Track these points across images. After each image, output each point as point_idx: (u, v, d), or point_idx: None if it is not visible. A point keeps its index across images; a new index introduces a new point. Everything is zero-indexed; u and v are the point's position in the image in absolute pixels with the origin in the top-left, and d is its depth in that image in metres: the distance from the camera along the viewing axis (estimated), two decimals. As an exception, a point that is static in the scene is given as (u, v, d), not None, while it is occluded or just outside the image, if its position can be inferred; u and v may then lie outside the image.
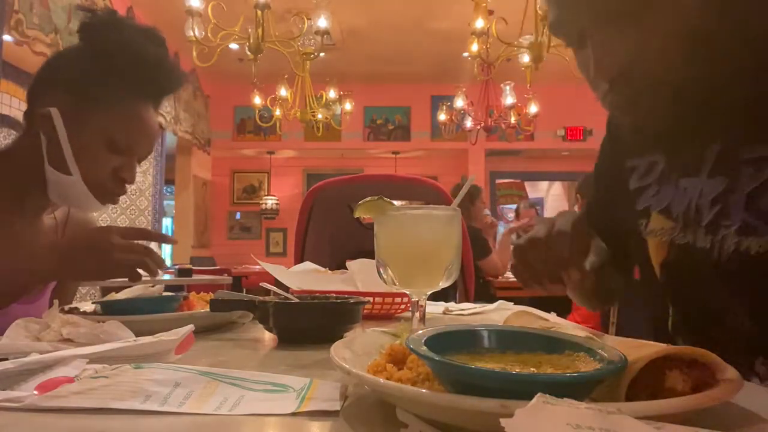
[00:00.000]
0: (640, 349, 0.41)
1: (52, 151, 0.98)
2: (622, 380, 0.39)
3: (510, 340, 0.45)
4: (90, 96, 1.00)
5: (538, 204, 8.38)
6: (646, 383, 0.40)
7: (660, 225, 0.77)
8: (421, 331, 0.44)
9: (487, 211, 4.32)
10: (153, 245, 3.89)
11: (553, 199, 9.57)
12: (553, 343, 0.44)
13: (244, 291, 4.83)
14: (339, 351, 0.50)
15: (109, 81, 1.00)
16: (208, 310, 0.86)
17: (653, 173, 0.80)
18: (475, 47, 3.66)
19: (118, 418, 0.43)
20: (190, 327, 0.64)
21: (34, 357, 0.54)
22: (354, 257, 1.26)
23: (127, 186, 1.06)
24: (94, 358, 0.55)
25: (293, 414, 0.44)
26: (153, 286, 1.08)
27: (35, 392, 0.46)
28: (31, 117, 1.01)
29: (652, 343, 0.48)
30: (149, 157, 1.16)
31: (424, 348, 0.39)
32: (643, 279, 0.89)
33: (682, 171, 0.73)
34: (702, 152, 0.69)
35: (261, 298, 0.87)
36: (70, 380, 0.49)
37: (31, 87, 1.04)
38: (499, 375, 0.36)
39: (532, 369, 0.40)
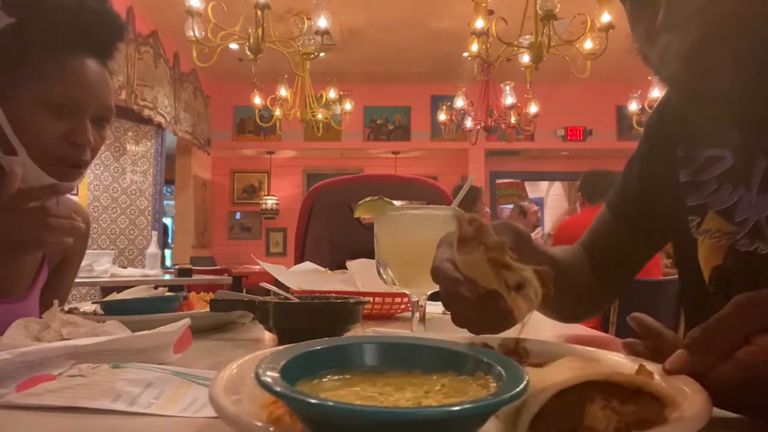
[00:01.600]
0: (574, 371, 0.33)
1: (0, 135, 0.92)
2: (522, 416, 0.31)
3: (409, 355, 0.38)
4: (18, 67, 0.93)
5: (538, 204, 8.39)
6: (562, 419, 0.31)
7: (717, 226, 0.70)
8: (291, 346, 0.36)
9: (488, 210, 4.32)
10: (153, 245, 3.85)
11: (553, 199, 9.57)
12: (462, 361, 0.36)
13: (244, 291, 4.83)
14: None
15: (31, 44, 0.93)
16: (208, 310, 0.86)
17: (714, 169, 0.71)
18: (475, 47, 3.66)
19: (89, 417, 0.43)
20: (186, 321, 0.63)
21: (20, 350, 0.54)
22: (354, 257, 1.26)
23: (89, 153, 0.98)
24: (81, 357, 0.54)
25: None
26: (155, 288, 1.08)
27: (15, 390, 0.46)
28: None
29: (619, 361, 0.42)
30: (149, 156, 1.11)
31: (272, 373, 0.31)
32: (683, 278, 0.82)
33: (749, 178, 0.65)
34: (750, 164, 0.62)
35: (261, 298, 0.87)
36: (52, 378, 0.49)
37: None
38: (337, 410, 0.27)
39: (416, 395, 0.32)
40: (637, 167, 0.88)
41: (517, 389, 0.29)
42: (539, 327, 0.94)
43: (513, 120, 4.87)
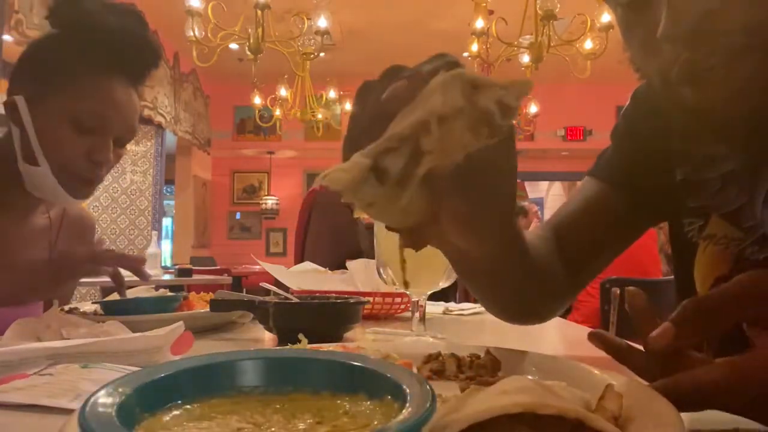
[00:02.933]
0: (500, 399, 0.27)
1: (23, 143, 0.94)
2: None
3: (299, 373, 0.31)
4: (53, 78, 0.95)
5: (538, 204, 8.38)
6: None
7: (723, 232, 0.63)
8: (144, 371, 0.29)
9: None
10: (153, 245, 3.88)
11: (553, 199, 9.57)
12: (367, 380, 0.29)
13: (244, 291, 4.83)
14: None
15: (71, 60, 0.95)
16: (208, 310, 0.86)
17: (716, 167, 0.63)
18: (475, 47, 3.66)
19: (46, 417, 0.42)
20: (179, 324, 0.62)
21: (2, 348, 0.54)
22: (354, 257, 1.26)
23: (105, 170, 0.99)
24: (62, 359, 0.54)
25: None
26: (156, 289, 1.08)
27: None
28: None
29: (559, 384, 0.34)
30: (149, 156, 1.13)
31: (103, 413, 0.24)
32: (678, 288, 0.74)
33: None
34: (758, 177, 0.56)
35: (261, 298, 0.87)
36: (25, 377, 0.49)
37: (9, 82, 1.00)
38: None
39: (300, 425, 0.26)
40: (625, 136, 0.76)
41: (405, 425, 0.23)
42: (546, 337, 0.93)
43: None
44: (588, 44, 3.39)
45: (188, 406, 0.28)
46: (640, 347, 0.41)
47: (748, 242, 0.60)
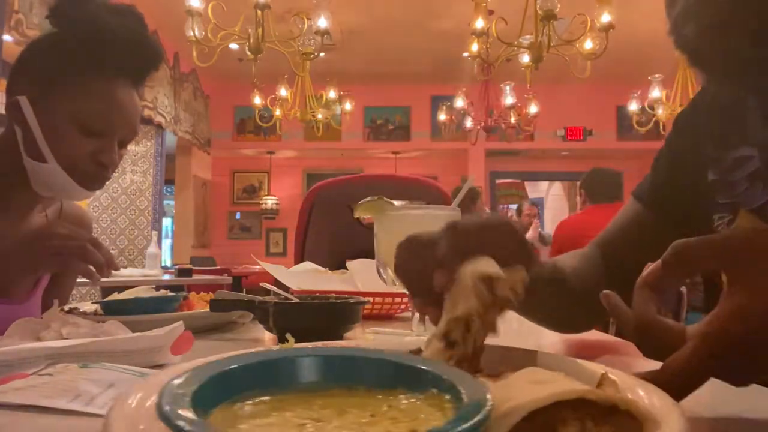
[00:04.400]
0: (535, 389, 0.29)
1: (27, 141, 0.94)
2: None
3: (351, 370, 0.32)
4: (56, 79, 0.95)
5: (538, 204, 8.39)
6: None
7: (751, 224, 0.67)
8: (211, 362, 0.30)
9: (487, 211, 4.32)
10: (153, 245, 3.86)
11: (553, 199, 9.57)
12: (413, 376, 0.31)
13: (244, 291, 4.83)
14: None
15: (74, 61, 0.95)
16: (208, 310, 0.86)
17: (743, 169, 0.70)
18: (475, 47, 3.66)
19: (44, 417, 0.42)
20: (179, 324, 0.62)
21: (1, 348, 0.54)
22: (354, 257, 1.26)
23: (111, 171, 1.00)
24: (60, 359, 0.54)
25: None
26: (156, 289, 1.08)
27: None
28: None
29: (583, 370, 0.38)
30: (149, 156, 1.13)
31: (179, 404, 0.24)
32: (707, 287, 0.81)
33: None
34: None
35: (261, 298, 0.87)
36: (24, 377, 0.49)
37: (8, 81, 1.00)
38: None
39: (359, 422, 0.27)
40: (665, 159, 0.84)
41: (480, 416, 0.24)
42: (538, 331, 0.93)
43: (513, 120, 4.87)
44: (588, 44, 3.39)
45: (251, 401, 0.29)
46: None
47: None
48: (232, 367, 0.30)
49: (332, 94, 4.97)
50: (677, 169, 0.81)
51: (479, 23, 3.49)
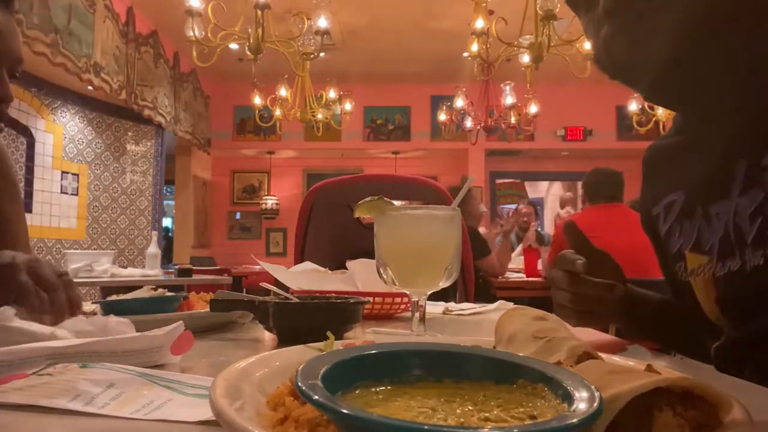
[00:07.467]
0: (618, 378, 0.31)
1: None
2: (595, 427, 0.28)
3: (449, 363, 0.36)
4: None
5: (538, 204, 8.39)
6: (627, 427, 0.29)
7: (697, 263, 0.73)
8: (327, 354, 0.34)
9: (483, 207, 4.32)
10: (153, 245, 3.84)
11: (553, 199, 9.56)
12: (504, 369, 0.34)
13: (244, 291, 4.83)
14: (234, 372, 0.40)
15: None
16: (208, 310, 0.86)
17: (673, 212, 0.77)
18: (475, 47, 3.66)
19: (45, 416, 0.42)
20: (179, 324, 0.62)
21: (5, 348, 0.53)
22: (354, 257, 1.26)
23: (6, 104, 0.93)
24: (62, 359, 0.54)
25: (202, 423, 0.40)
26: (156, 289, 1.08)
27: None
28: None
29: (631, 365, 0.40)
30: (149, 156, 1.08)
31: (314, 384, 0.28)
32: (695, 319, 0.83)
33: (708, 198, 0.70)
34: (730, 170, 0.66)
35: (261, 298, 0.87)
36: (24, 377, 0.49)
37: None
38: (413, 429, 0.25)
39: (469, 408, 0.30)
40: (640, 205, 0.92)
41: (598, 401, 0.27)
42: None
43: (513, 120, 4.87)
44: (588, 44, 3.39)
45: (374, 389, 0.33)
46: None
47: (713, 263, 0.69)
48: (350, 357, 0.34)
49: (332, 94, 4.97)
50: (644, 225, 0.89)
51: (479, 23, 3.49)
